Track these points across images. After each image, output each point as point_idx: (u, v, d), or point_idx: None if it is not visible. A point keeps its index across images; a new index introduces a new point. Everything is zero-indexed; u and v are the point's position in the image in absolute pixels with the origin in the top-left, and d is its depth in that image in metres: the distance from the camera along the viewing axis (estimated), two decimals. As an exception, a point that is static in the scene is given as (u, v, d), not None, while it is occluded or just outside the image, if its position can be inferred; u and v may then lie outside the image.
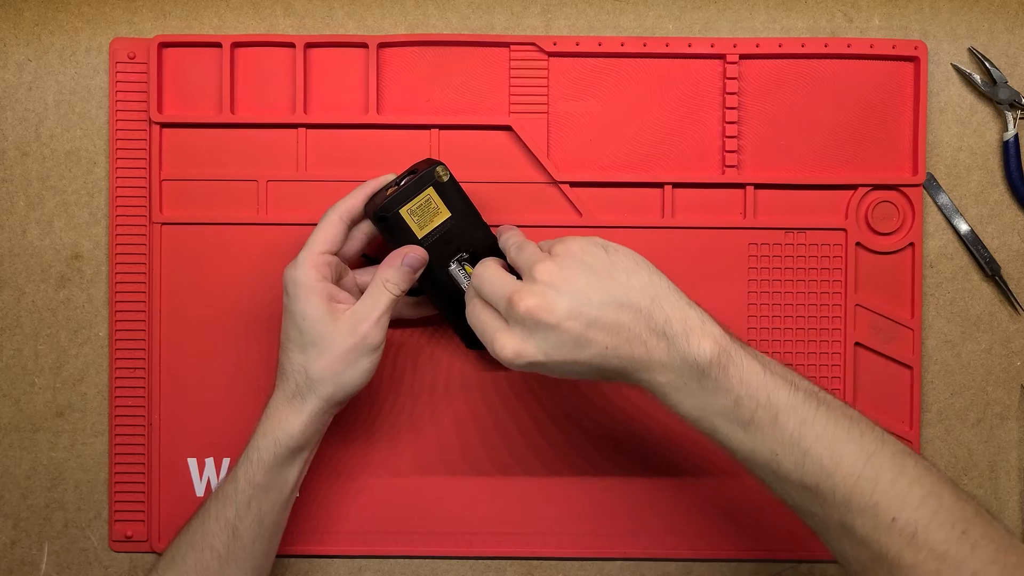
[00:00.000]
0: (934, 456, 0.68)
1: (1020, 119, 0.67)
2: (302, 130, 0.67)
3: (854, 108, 0.67)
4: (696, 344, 0.50)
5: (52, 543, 0.68)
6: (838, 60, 0.67)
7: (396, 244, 0.60)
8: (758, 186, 0.67)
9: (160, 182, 0.67)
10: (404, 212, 0.59)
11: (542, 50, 0.67)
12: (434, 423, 0.67)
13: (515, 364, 0.52)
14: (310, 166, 0.67)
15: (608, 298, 0.51)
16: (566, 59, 0.67)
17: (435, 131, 0.66)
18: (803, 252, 0.67)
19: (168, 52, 0.67)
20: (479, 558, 0.68)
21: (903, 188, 0.67)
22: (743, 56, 0.66)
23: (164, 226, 0.67)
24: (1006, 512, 0.68)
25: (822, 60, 0.67)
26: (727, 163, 0.67)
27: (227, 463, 0.67)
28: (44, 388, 0.68)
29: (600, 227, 0.67)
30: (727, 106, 0.67)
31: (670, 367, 0.50)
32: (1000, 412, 0.68)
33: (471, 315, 0.56)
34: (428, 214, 0.60)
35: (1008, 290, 0.68)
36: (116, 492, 0.67)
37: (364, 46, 0.66)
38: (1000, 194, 0.68)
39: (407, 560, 0.68)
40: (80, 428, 0.68)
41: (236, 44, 0.66)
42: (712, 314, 0.58)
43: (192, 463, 0.67)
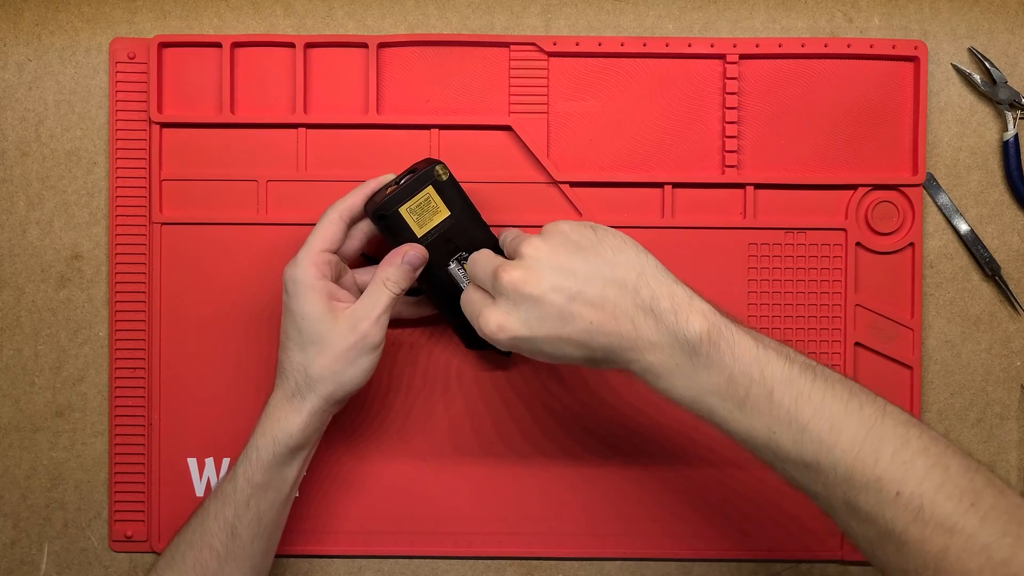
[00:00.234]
0: (934, 456, 0.68)
1: (1020, 119, 0.67)
2: (302, 130, 0.67)
3: (854, 108, 0.67)
4: (685, 320, 0.49)
5: (52, 543, 0.68)
6: (838, 60, 0.67)
7: (395, 243, 0.60)
8: (758, 186, 0.67)
9: (160, 182, 0.67)
10: (403, 211, 0.59)
11: (542, 50, 0.67)
12: (434, 423, 0.67)
13: (499, 339, 0.51)
14: (310, 166, 0.67)
15: (593, 272, 0.50)
16: (566, 59, 0.67)
17: (435, 131, 0.66)
18: (803, 252, 0.67)
19: (168, 52, 0.67)
20: (479, 558, 0.68)
21: (903, 188, 0.67)
22: (743, 56, 0.66)
23: (164, 226, 0.67)
24: (1006, 512, 0.68)
25: (822, 60, 0.67)
26: (727, 163, 0.67)
27: (227, 463, 0.67)
28: (44, 388, 0.68)
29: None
30: (727, 106, 0.67)
31: (659, 346, 0.49)
32: (1000, 412, 0.68)
33: (464, 302, 0.55)
34: (427, 213, 0.60)
35: (1008, 290, 0.67)
36: (116, 492, 0.67)
37: (364, 46, 0.66)
38: (1000, 194, 0.68)
39: (407, 560, 0.68)
40: (80, 428, 0.68)
41: (236, 44, 0.67)
42: None
43: (192, 463, 0.67)
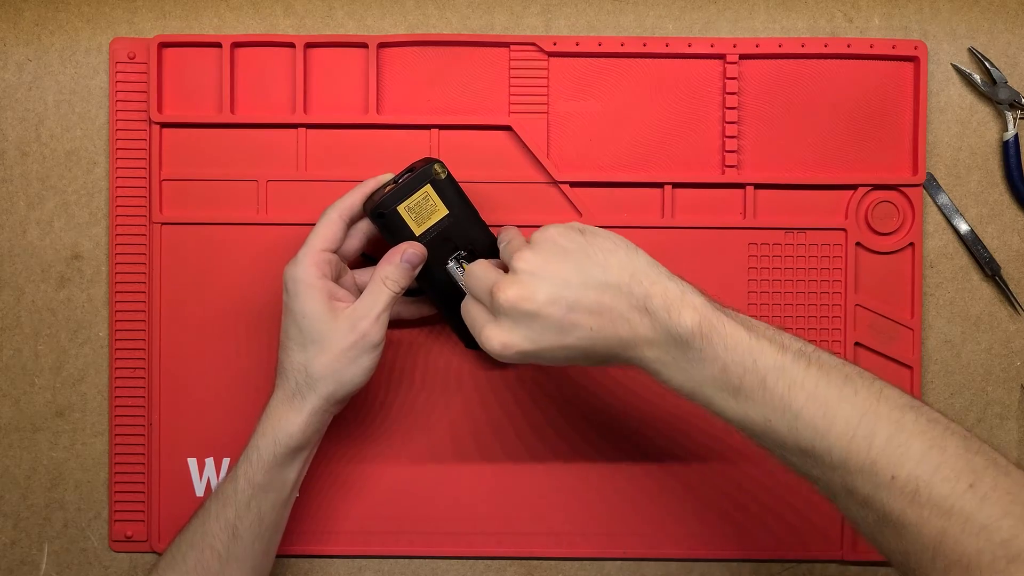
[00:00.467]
0: (934, 456, 0.68)
1: (1020, 119, 0.67)
2: (302, 130, 0.67)
3: (854, 108, 0.67)
4: (677, 316, 0.49)
5: (52, 543, 0.68)
6: (838, 60, 0.67)
7: (394, 241, 0.60)
8: (758, 186, 0.67)
9: (160, 182, 0.67)
10: (401, 209, 0.59)
11: (542, 50, 0.67)
12: (433, 423, 0.67)
13: (504, 356, 0.52)
14: (310, 166, 0.67)
15: (587, 280, 0.51)
16: (566, 59, 0.67)
17: (435, 131, 0.66)
18: (803, 252, 0.67)
19: (168, 52, 0.67)
20: (479, 558, 0.68)
21: (903, 188, 0.67)
22: (743, 56, 0.66)
23: (164, 226, 0.67)
24: (1006, 512, 0.68)
25: (822, 60, 0.67)
26: (727, 163, 0.67)
27: (227, 463, 0.67)
28: (44, 388, 0.68)
29: (600, 227, 0.66)
30: (727, 106, 0.67)
31: (656, 342, 0.50)
32: (1000, 412, 0.68)
33: (464, 314, 0.56)
34: (425, 211, 0.60)
35: (1008, 290, 0.68)
36: (116, 492, 0.67)
37: (364, 46, 0.66)
38: (1000, 194, 0.68)
39: (407, 560, 0.68)
40: (80, 428, 0.68)
41: (236, 44, 0.67)
42: None
43: (192, 463, 0.67)
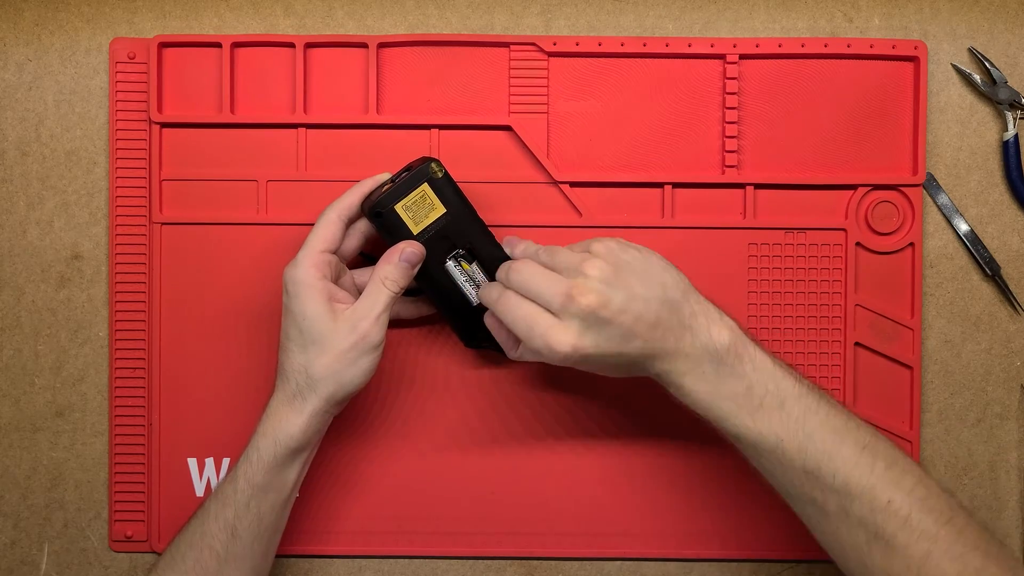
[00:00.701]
0: (934, 456, 0.68)
1: (1020, 119, 0.67)
2: (302, 130, 0.67)
3: (854, 108, 0.67)
4: (717, 333, 0.55)
5: (52, 543, 0.68)
6: (838, 60, 0.67)
7: (392, 241, 0.60)
8: (758, 186, 0.67)
9: (160, 182, 0.67)
10: (399, 208, 0.59)
11: (542, 50, 0.66)
12: (434, 423, 0.67)
13: (569, 358, 0.54)
14: (310, 166, 0.67)
15: (650, 294, 0.55)
16: (566, 59, 0.67)
17: (435, 131, 0.66)
18: (803, 252, 0.67)
19: (168, 52, 0.67)
20: (479, 558, 0.68)
21: (903, 188, 0.67)
22: (743, 56, 0.66)
23: (164, 226, 0.67)
24: (1006, 512, 0.68)
25: (822, 60, 0.67)
26: (727, 163, 0.67)
27: (227, 463, 0.67)
28: (44, 388, 0.68)
29: (600, 227, 0.66)
30: (727, 106, 0.67)
31: (692, 356, 0.54)
32: (1000, 412, 0.68)
33: (507, 308, 0.56)
34: (423, 210, 0.60)
35: (1008, 290, 0.68)
36: (116, 492, 0.67)
37: (364, 46, 0.66)
38: (1000, 194, 0.68)
39: (407, 560, 0.68)
40: (80, 428, 0.68)
41: (236, 44, 0.66)
42: None
43: (192, 463, 0.67)
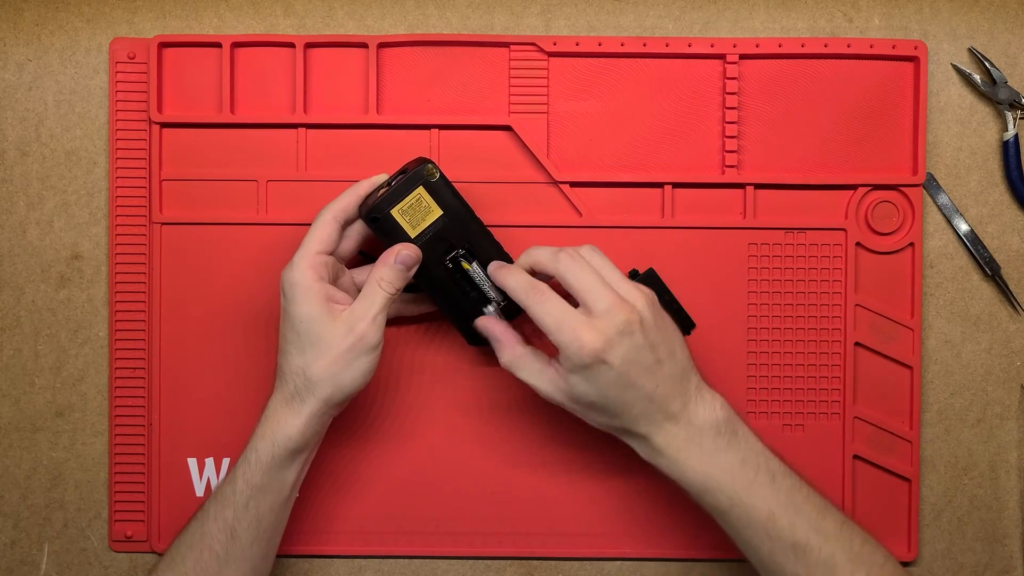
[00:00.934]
0: (934, 456, 0.68)
1: (1020, 119, 0.67)
2: (302, 130, 0.67)
3: (854, 108, 0.67)
4: (719, 406, 0.57)
5: (52, 543, 0.68)
6: (838, 60, 0.67)
7: (390, 244, 0.60)
8: (758, 186, 0.67)
9: (160, 182, 0.67)
10: (395, 212, 0.59)
11: (542, 50, 0.66)
12: (434, 423, 0.67)
13: (594, 363, 0.54)
14: (310, 166, 0.67)
15: (677, 350, 0.57)
16: (566, 59, 0.67)
17: (435, 131, 0.66)
18: (803, 252, 0.67)
19: (168, 52, 0.67)
20: (479, 558, 0.68)
21: (903, 188, 0.67)
22: (743, 56, 0.66)
23: (164, 226, 0.67)
24: (1006, 512, 0.68)
25: (822, 60, 0.67)
26: (727, 163, 0.67)
27: (227, 463, 0.67)
28: (44, 388, 0.68)
29: (600, 227, 0.66)
30: (727, 106, 0.67)
31: (693, 425, 0.56)
32: (1000, 412, 0.68)
33: (541, 299, 0.56)
34: (420, 213, 0.60)
35: (1008, 290, 0.67)
36: (116, 492, 0.67)
37: (364, 46, 0.66)
38: (1000, 194, 0.68)
39: (407, 560, 0.68)
40: (80, 428, 0.68)
41: (236, 44, 0.66)
42: (712, 314, 0.67)
43: (192, 463, 0.67)
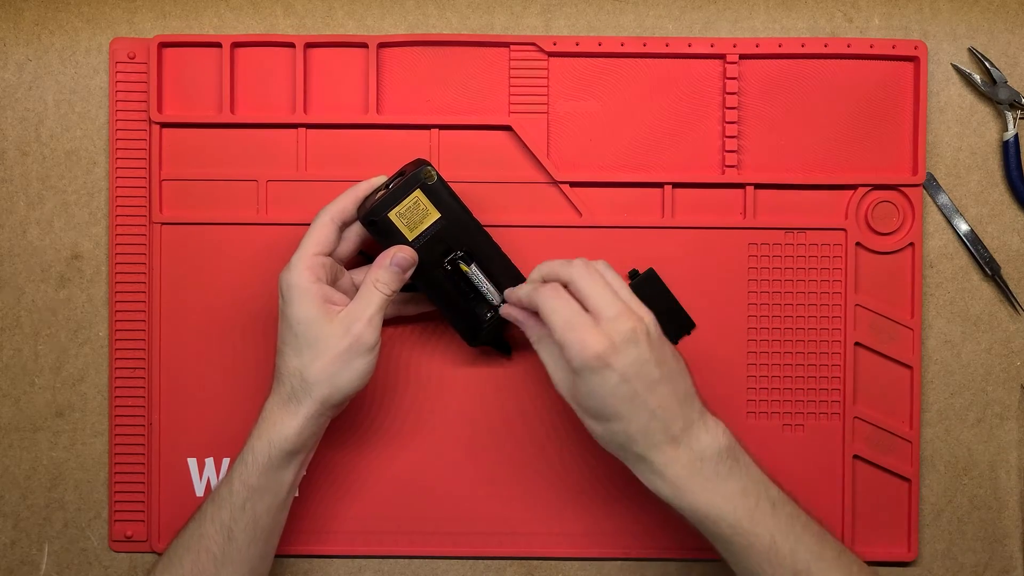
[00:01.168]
0: (934, 456, 0.68)
1: (1020, 119, 0.67)
2: (302, 130, 0.67)
3: (854, 108, 0.67)
4: (721, 433, 0.56)
5: (52, 543, 0.68)
6: (838, 60, 0.67)
7: (388, 246, 0.60)
8: (758, 186, 0.67)
9: (160, 182, 0.67)
10: (393, 215, 0.59)
11: (542, 50, 0.66)
12: (433, 422, 0.67)
13: (598, 367, 0.53)
14: (310, 166, 0.67)
15: (681, 372, 0.57)
16: (566, 59, 0.67)
17: (435, 131, 0.66)
18: (803, 252, 0.67)
19: (168, 52, 0.67)
20: (479, 558, 0.68)
21: (903, 188, 0.67)
22: (743, 56, 0.66)
23: (164, 226, 0.67)
24: (1006, 512, 0.68)
25: (822, 60, 0.67)
26: (727, 163, 0.67)
27: (227, 463, 0.67)
28: (44, 388, 0.68)
29: (600, 227, 0.66)
30: (727, 106, 0.67)
31: (695, 450, 0.55)
32: (1000, 412, 0.68)
33: (550, 297, 0.56)
34: (417, 216, 0.60)
35: (1008, 290, 0.67)
36: (116, 492, 0.67)
37: (364, 46, 0.66)
38: (1000, 194, 0.68)
39: (407, 560, 0.68)
40: (80, 428, 0.68)
41: (236, 44, 0.66)
42: (712, 314, 0.66)
43: (192, 463, 0.67)
